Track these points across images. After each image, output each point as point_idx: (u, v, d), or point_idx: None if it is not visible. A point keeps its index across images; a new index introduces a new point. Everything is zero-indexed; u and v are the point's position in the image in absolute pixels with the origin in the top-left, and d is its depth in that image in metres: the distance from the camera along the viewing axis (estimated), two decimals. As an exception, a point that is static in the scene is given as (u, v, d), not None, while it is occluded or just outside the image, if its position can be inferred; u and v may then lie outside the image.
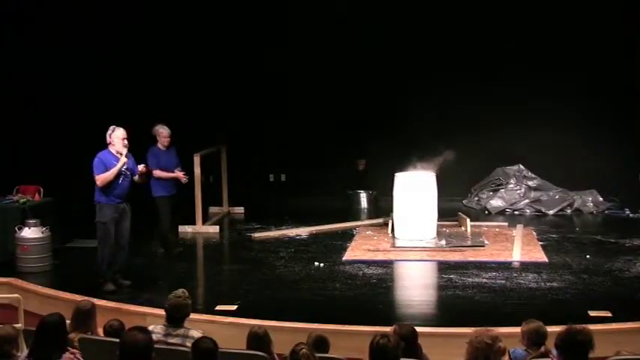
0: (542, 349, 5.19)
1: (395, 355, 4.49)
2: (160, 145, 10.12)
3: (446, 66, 13.60)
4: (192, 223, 11.81)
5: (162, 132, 10.13)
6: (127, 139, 8.48)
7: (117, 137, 8.44)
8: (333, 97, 13.91)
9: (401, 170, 11.35)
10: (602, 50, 13.15)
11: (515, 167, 13.90)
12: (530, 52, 13.40)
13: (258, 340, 5.23)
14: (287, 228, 12.03)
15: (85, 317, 5.61)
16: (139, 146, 9.03)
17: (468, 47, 13.57)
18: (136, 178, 8.60)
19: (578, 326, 4.66)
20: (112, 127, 8.49)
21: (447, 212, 11.99)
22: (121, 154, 8.42)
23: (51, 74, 12.55)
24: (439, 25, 13.55)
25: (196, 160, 11.74)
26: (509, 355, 5.20)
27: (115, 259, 8.60)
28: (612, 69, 13.13)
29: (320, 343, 5.39)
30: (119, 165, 8.36)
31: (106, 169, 8.35)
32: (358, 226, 12.15)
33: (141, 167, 8.62)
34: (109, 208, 8.44)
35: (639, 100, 13.19)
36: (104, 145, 8.48)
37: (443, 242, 10.74)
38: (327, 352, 5.40)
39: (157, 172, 9.94)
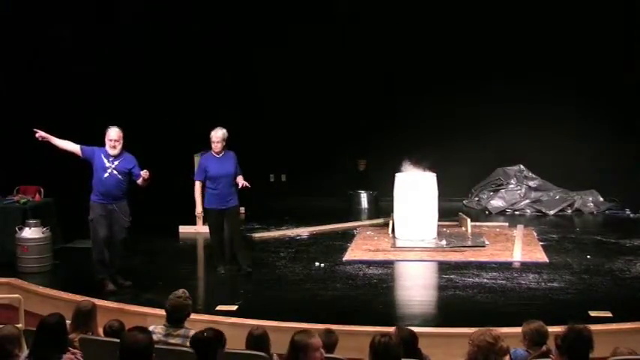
0: (544, 348, 5.19)
1: (397, 353, 4.47)
2: (212, 152, 9.22)
3: (446, 66, 13.60)
4: (193, 223, 11.80)
5: (211, 136, 9.10)
6: (117, 140, 8.44)
7: (106, 137, 8.48)
8: (333, 97, 13.91)
9: (401, 170, 11.36)
10: (603, 50, 13.15)
11: (516, 167, 13.91)
12: (530, 53, 13.39)
13: (256, 340, 5.23)
14: (287, 228, 12.04)
15: (85, 318, 5.61)
16: (139, 145, 9.01)
17: (468, 48, 13.56)
18: (139, 181, 8.57)
19: (579, 326, 4.66)
20: (108, 127, 8.52)
21: (447, 212, 12.00)
22: (110, 155, 8.45)
23: (51, 73, 12.54)
24: (439, 25, 13.55)
25: (197, 160, 11.72)
26: (510, 356, 5.20)
27: (110, 258, 8.59)
28: (612, 69, 13.12)
29: (328, 343, 5.34)
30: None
31: (91, 165, 8.45)
32: (358, 227, 12.15)
33: (143, 173, 8.52)
34: (96, 207, 8.45)
35: (639, 100, 13.19)
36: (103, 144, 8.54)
37: (443, 242, 10.73)
38: (332, 352, 5.39)
39: (196, 185, 9.20)
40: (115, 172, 8.44)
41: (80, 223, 8.85)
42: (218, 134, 9.08)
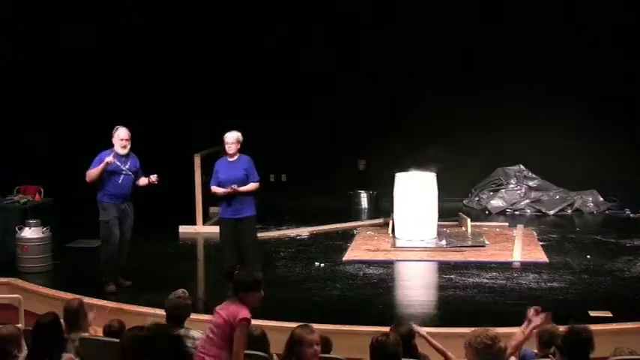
0: (552, 349, 5.16)
1: (395, 352, 4.48)
2: (226, 155, 8.64)
3: (446, 66, 13.61)
4: (193, 223, 11.81)
5: (225, 137, 8.56)
6: (127, 139, 8.47)
7: (116, 137, 8.47)
8: (333, 96, 13.91)
9: (401, 170, 11.36)
10: (603, 50, 13.15)
11: (516, 167, 13.91)
12: (530, 52, 13.39)
13: (256, 340, 5.23)
14: (287, 228, 12.04)
15: (74, 316, 5.52)
16: (139, 145, 9.01)
17: (468, 48, 13.57)
18: (141, 182, 8.58)
19: (579, 327, 4.65)
20: (115, 127, 8.52)
21: (447, 212, 12.00)
22: (117, 154, 8.41)
23: (51, 73, 12.54)
24: (440, 26, 13.55)
25: (197, 160, 11.75)
26: (520, 355, 5.18)
27: (118, 258, 8.59)
28: (613, 69, 13.11)
29: (322, 344, 5.36)
30: (102, 165, 8.31)
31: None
32: (358, 226, 12.15)
33: (152, 178, 8.54)
34: (111, 208, 8.45)
35: (639, 100, 13.19)
36: (107, 145, 8.51)
37: (443, 242, 10.74)
38: (329, 352, 5.39)
39: (212, 189, 8.62)
40: (129, 173, 8.50)
41: (80, 223, 8.84)
42: (232, 135, 8.52)
